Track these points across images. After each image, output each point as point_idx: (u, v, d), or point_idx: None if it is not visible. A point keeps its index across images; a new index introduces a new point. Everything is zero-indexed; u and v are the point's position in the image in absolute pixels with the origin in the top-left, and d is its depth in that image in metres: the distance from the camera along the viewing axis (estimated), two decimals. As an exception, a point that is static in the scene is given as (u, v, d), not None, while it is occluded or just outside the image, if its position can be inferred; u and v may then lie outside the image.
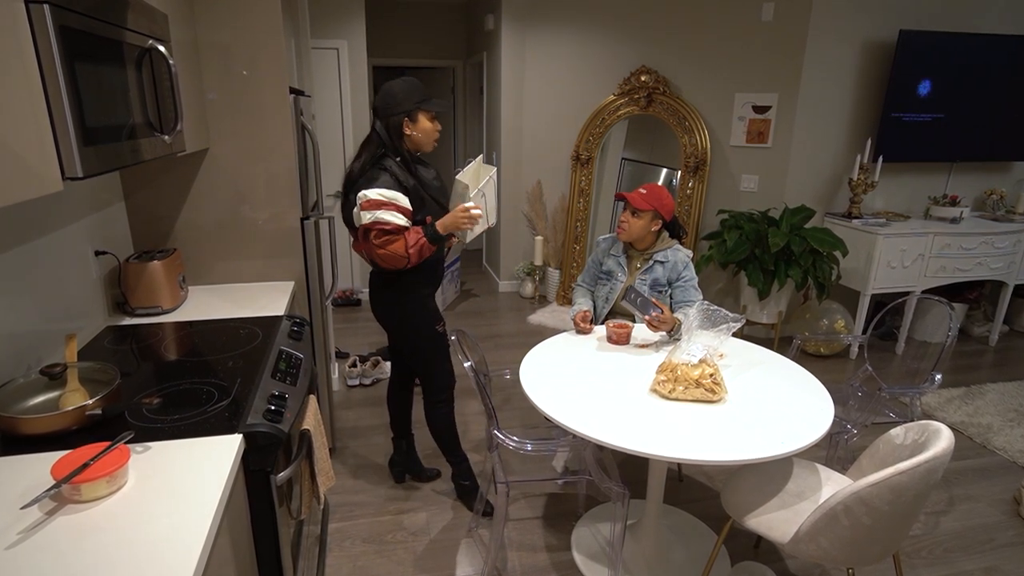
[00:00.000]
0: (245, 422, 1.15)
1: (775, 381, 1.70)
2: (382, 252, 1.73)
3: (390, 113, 1.76)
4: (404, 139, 1.78)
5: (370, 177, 1.73)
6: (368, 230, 1.73)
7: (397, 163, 1.77)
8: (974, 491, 2.32)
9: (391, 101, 1.75)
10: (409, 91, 1.76)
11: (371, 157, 1.77)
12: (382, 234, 1.72)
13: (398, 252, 1.72)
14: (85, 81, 1.02)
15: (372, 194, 1.70)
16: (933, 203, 3.73)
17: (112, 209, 1.84)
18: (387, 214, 1.70)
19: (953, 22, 3.48)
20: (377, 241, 1.72)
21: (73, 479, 0.90)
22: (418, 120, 1.78)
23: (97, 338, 1.60)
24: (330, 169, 4.07)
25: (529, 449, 1.70)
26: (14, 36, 0.87)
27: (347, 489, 2.24)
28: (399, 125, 1.76)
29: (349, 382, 3.08)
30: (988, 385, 3.20)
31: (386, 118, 1.76)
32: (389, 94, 1.76)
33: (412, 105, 1.76)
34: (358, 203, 1.73)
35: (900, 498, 1.26)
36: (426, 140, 1.82)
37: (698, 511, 2.15)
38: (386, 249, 1.72)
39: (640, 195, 1.99)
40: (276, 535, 1.22)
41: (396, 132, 1.77)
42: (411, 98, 1.75)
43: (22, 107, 0.88)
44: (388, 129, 1.76)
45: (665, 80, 3.81)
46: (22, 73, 0.88)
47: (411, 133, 1.78)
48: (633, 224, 2.02)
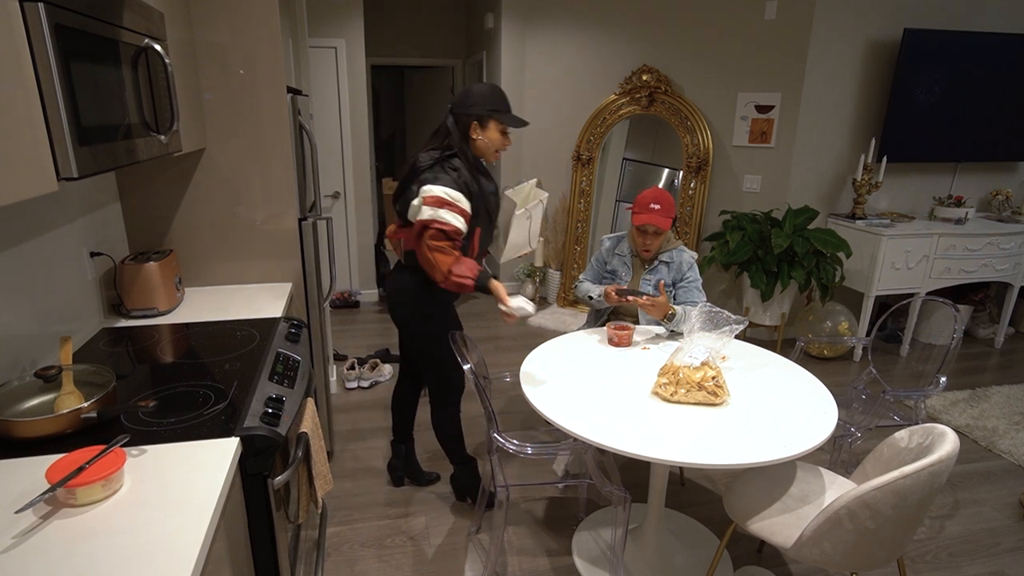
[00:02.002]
0: (242, 425, 1.15)
1: (778, 384, 1.69)
2: (430, 254, 1.68)
3: (462, 111, 1.75)
4: (470, 142, 1.77)
5: (438, 173, 1.71)
6: (425, 226, 1.68)
7: (465, 165, 1.75)
8: (979, 495, 2.30)
9: (467, 100, 1.75)
10: (487, 96, 1.75)
11: (440, 154, 1.75)
12: (440, 235, 1.67)
13: (443, 264, 1.68)
14: (80, 80, 1.01)
15: (438, 191, 1.67)
16: (938, 204, 3.71)
17: (107, 210, 1.83)
18: (448, 214, 1.67)
19: (958, 21, 3.46)
20: (432, 242, 1.67)
21: (68, 483, 0.90)
22: (488, 127, 1.77)
23: (92, 340, 1.60)
24: (328, 169, 4.06)
25: (529, 453, 1.69)
26: (9, 35, 0.86)
27: (345, 493, 2.23)
28: (467, 126, 1.76)
29: (347, 385, 3.07)
30: (993, 388, 3.18)
31: (457, 115, 1.76)
32: (467, 93, 1.76)
33: (485, 111, 1.74)
34: (420, 195, 1.69)
35: (904, 502, 1.25)
36: (489, 150, 1.81)
37: (700, 515, 2.14)
38: (435, 255, 1.68)
39: (660, 214, 1.96)
40: (273, 540, 1.21)
41: (463, 132, 1.76)
42: (486, 104, 1.74)
43: (16, 106, 0.87)
44: (457, 126, 1.76)
45: (667, 79, 3.80)
46: (17, 72, 0.87)
47: (477, 138, 1.77)
48: (657, 241, 2.02)
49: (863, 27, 3.35)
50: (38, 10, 0.89)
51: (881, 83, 3.47)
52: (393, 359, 3.38)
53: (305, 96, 2.43)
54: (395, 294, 1.92)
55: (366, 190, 4.18)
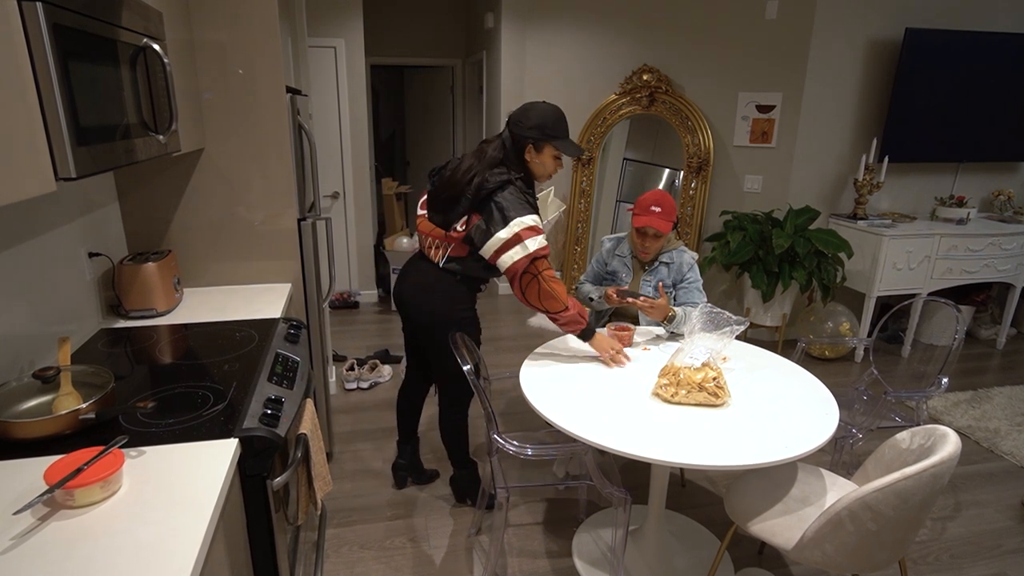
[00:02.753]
0: (241, 426, 1.14)
1: (779, 385, 1.68)
2: (546, 286, 1.67)
3: (520, 132, 1.73)
4: (524, 162, 1.76)
5: (520, 201, 1.68)
6: (535, 258, 1.67)
7: (526, 185, 1.75)
8: (981, 496, 2.29)
9: (525, 120, 1.73)
10: (547, 120, 1.72)
11: (508, 175, 1.70)
12: (546, 261, 1.67)
13: (559, 295, 1.69)
14: (79, 80, 1.00)
15: (530, 221, 1.67)
16: (939, 204, 3.70)
17: (106, 210, 1.83)
18: (543, 240, 1.68)
19: (960, 20, 3.45)
20: (546, 273, 1.67)
21: (66, 484, 0.89)
22: (543, 152, 1.75)
23: (91, 341, 1.59)
24: (327, 169, 4.06)
25: (529, 454, 1.68)
26: (7, 35, 0.86)
27: (345, 494, 2.23)
28: (523, 148, 1.74)
29: (347, 386, 3.07)
30: (995, 389, 3.17)
31: (515, 135, 1.74)
32: (527, 112, 1.73)
33: (542, 135, 1.72)
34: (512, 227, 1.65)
35: (906, 503, 1.25)
36: (541, 173, 1.80)
37: (701, 517, 2.13)
38: (551, 285, 1.68)
39: (661, 217, 1.95)
40: (272, 541, 1.21)
41: (519, 153, 1.75)
42: (545, 128, 1.72)
43: (14, 106, 0.87)
44: (513, 145, 1.75)
45: (667, 79, 3.79)
46: (15, 72, 0.87)
47: (530, 160, 1.76)
48: (656, 244, 2.01)
49: (864, 27, 3.34)
50: (36, 10, 0.89)
51: (882, 83, 3.46)
52: (392, 360, 3.37)
53: (304, 96, 2.43)
54: (424, 295, 1.86)
55: (365, 190, 4.18)
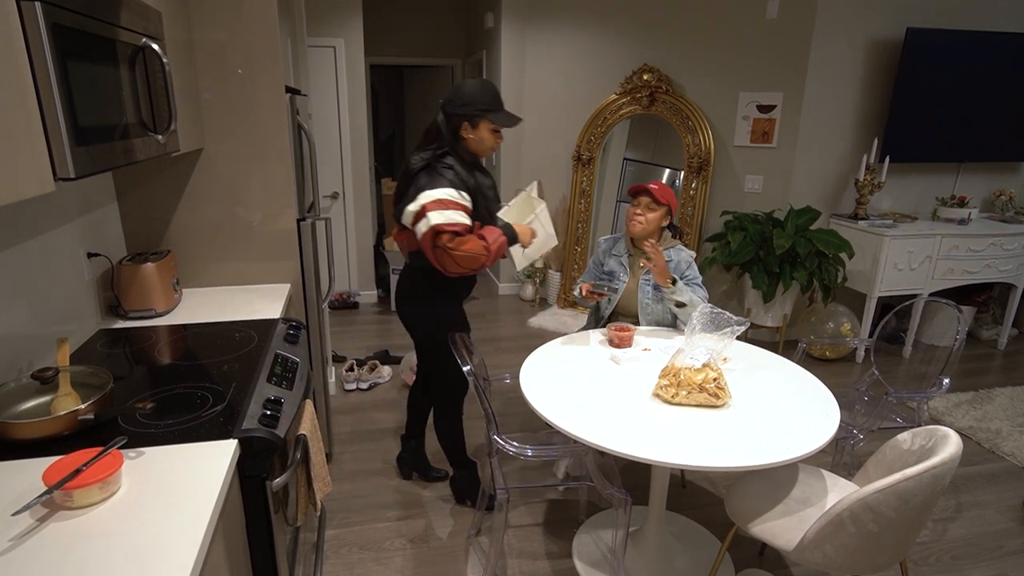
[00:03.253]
0: (240, 427, 1.14)
1: (780, 385, 1.68)
2: (458, 254, 1.64)
3: (453, 111, 1.72)
4: (461, 140, 1.75)
5: (434, 175, 1.68)
6: (438, 232, 1.65)
7: (458, 162, 1.73)
8: (983, 497, 2.29)
9: (457, 99, 1.72)
10: (479, 95, 1.71)
11: (433, 154, 1.72)
12: (454, 237, 1.65)
13: (476, 251, 1.65)
14: (77, 80, 1.00)
15: (441, 194, 1.65)
16: (941, 204, 3.70)
17: (105, 210, 1.83)
18: (457, 214, 1.65)
19: (961, 20, 3.45)
20: (451, 244, 1.64)
21: (65, 485, 0.89)
22: (479, 127, 1.74)
23: (90, 341, 1.59)
24: (327, 169, 4.05)
25: (529, 455, 1.68)
26: (6, 34, 0.85)
27: (344, 495, 2.22)
28: (458, 126, 1.73)
29: (346, 386, 3.06)
30: (997, 389, 3.16)
31: (448, 114, 1.73)
32: (458, 91, 1.72)
33: (476, 110, 1.71)
34: (417, 201, 1.66)
35: (907, 504, 1.25)
36: (482, 149, 1.78)
37: (701, 518, 2.13)
38: (462, 250, 1.64)
39: (656, 190, 1.98)
40: (272, 542, 1.20)
41: (455, 131, 1.74)
42: (477, 103, 1.71)
43: (13, 106, 0.87)
44: (448, 125, 1.73)
45: (668, 79, 3.79)
46: (13, 72, 0.87)
47: (469, 137, 1.75)
48: (650, 217, 2.00)
49: (865, 26, 3.33)
50: (35, 9, 0.89)
51: (884, 83, 3.46)
52: (392, 360, 3.37)
53: (304, 96, 2.43)
54: (401, 295, 1.92)
55: (365, 190, 4.18)
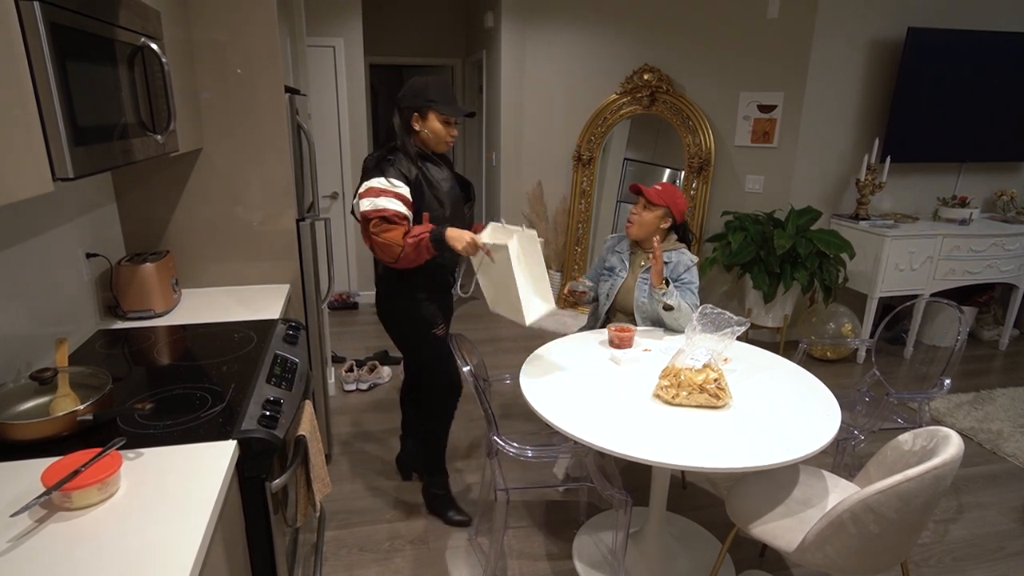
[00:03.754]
0: (239, 428, 1.14)
1: (780, 386, 1.67)
2: (379, 240, 1.67)
3: (403, 104, 1.76)
4: (412, 134, 1.78)
5: (380, 168, 1.72)
6: (366, 219, 1.68)
7: (404, 156, 1.76)
8: (984, 498, 2.28)
9: (407, 93, 1.77)
10: (427, 88, 1.75)
11: (382, 152, 1.76)
12: (382, 221, 1.67)
13: (393, 240, 1.66)
14: (76, 80, 1.00)
15: (374, 182, 1.68)
16: (942, 204, 3.69)
17: (103, 210, 1.82)
18: (387, 200, 1.67)
19: (962, 20, 3.44)
20: (375, 229, 1.67)
21: (64, 486, 0.89)
22: (428, 118, 1.76)
23: (88, 342, 1.59)
24: (326, 169, 4.05)
25: (529, 455, 1.67)
26: (4, 34, 0.85)
27: (344, 496, 2.22)
28: (408, 119, 1.77)
29: (346, 387, 3.06)
30: (998, 390, 3.16)
31: (400, 109, 1.77)
32: (409, 87, 1.77)
33: (423, 102, 1.75)
34: (359, 193, 1.71)
35: (908, 506, 1.24)
36: (434, 140, 1.80)
37: (702, 519, 2.12)
38: (382, 237, 1.66)
39: (655, 190, 1.99)
40: (271, 543, 1.20)
41: (406, 125, 1.77)
42: (425, 95, 1.75)
43: (12, 106, 0.87)
44: (400, 119, 1.77)
45: (668, 79, 3.78)
46: (12, 72, 0.87)
47: (420, 129, 1.77)
48: (643, 218, 2.00)
49: (866, 26, 3.33)
50: (34, 9, 0.88)
51: (885, 82, 3.45)
52: (392, 361, 3.36)
53: (303, 95, 2.42)
54: (377, 297, 1.95)
55: (366, 191, 4.17)
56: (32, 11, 0.88)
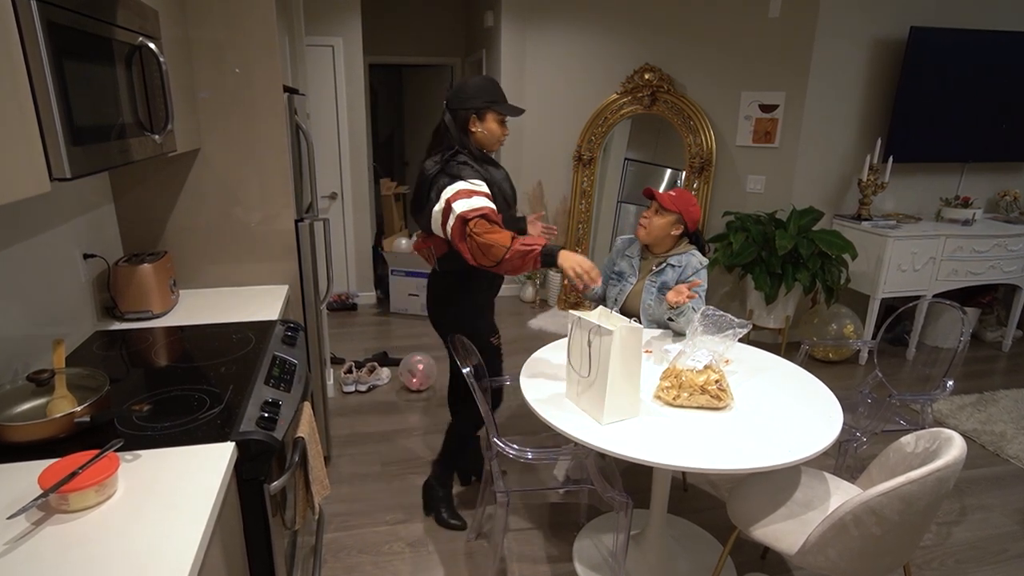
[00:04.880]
0: (238, 430, 1.13)
1: (782, 388, 1.66)
2: (481, 240, 1.63)
3: (459, 107, 1.76)
4: (470, 135, 1.78)
5: (452, 172, 1.71)
6: (464, 220, 1.65)
7: (470, 158, 1.76)
8: (987, 500, 2.27)
9: (462, 95, 1.76)
10: (483, 88, 1.77)
11: (443, 156, 1.76)
12: (483, 221, 1.65)
13: (499, 242, 1.62)
14: (73, 79, 0.99)
15: (460, 185, 1.67)
16: (945, 204, 3.68)
17: (101, 211, 1.82)
18: (481, 200, 1.67)
19: (965, 19, 3.43)
20: (477, 229, 1.64)
21: (61, 488, 0.89)
22: (486, 119, 1.78)
23: (86, 343, 1.58)
24: (325, 170, 4.05)
25: (530, 457, 1.66)
26: (1, 33, 0.85)
27: (343, 499, 2.21)
28: (466, 120, 1.77)
29: (345, 388, 3.05)
30: (1001, 392, 3.14)
31: (455, 111, 1.77)
32: (462, 88, 1.77)
33: (482, 103, 1.76)
34: (442, 199, 1.68)
35: (911, 508, 1.24)
36: (491, 141, 1.81)
37: (703, 521, 2.11)
38: (485, 237, 1.63)
39: (669, 195, 1.97)
40: (270, 546, 1.20)
41: (462, 127, 1.77)
42: (482, 96, 1.76)
43: (8, 105, 0.86)
44: (455, 122, 1.77)
45: (669, 78, 3.78)
46: (9, 70, 0.86)
47: (476, 130, 1.78)
48: (654, 223, 1.99)
49: (869, 25, 3.32)
50: (31, 7, 0.88)
51: (887, 82, 3.44)
52: (391, 362, 3.35)
53: (302, 95, 2.42)
54: (435, 301, 1.93)
55: (364, 191, 4.17)
56: (29, 10, 0.88)
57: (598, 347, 1.42)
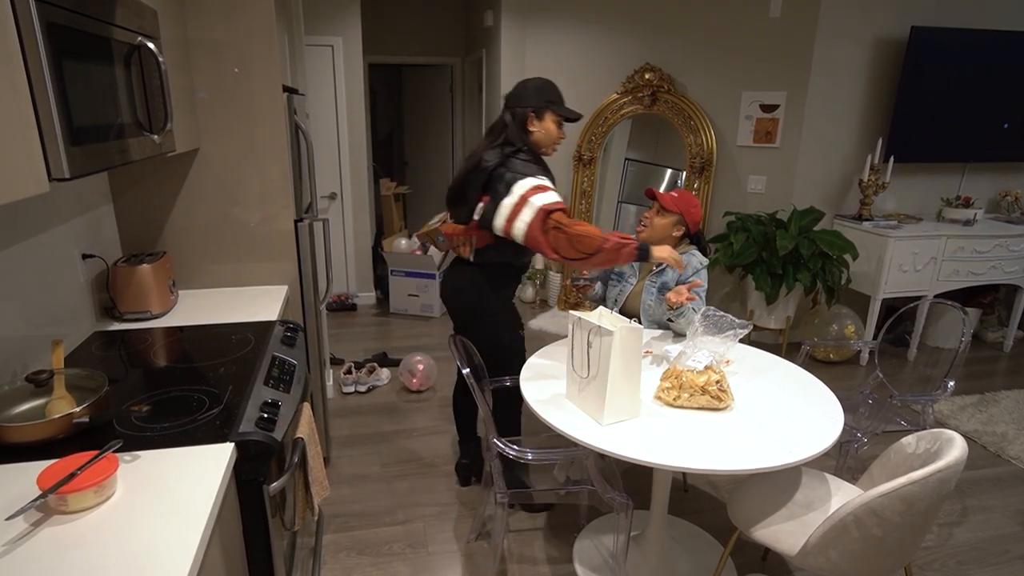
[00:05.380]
0: (237, 430, 1.13)
1: (783, 388, 1.66)
2: (573, 231, 1.64)
3: (518, 104, 1.78)
4: (528, 135, 1.79)
5: (518, 168, 1.72)
6: (548, 213, 1.66)
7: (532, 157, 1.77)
8: (988, 501, 2.27)
9: (522, 93, 1.78)
10: (542, 89, 1.78)
11: (503, 150, 1.76)
12: (564, 215, 1.66)
13: (592, 232, 1.64)
14: (72, 79, 0.99)
15: (537, 180, 1.69)
16: (946, 205, 3.67)
17: (100, 211, 1.82)
18: (557, 196, 1.69)
19: (966, 18, 3.42)
20: (567, 220, 1.65)
21: (60, 489, 0.89)
22: (544, 119, 1.79)
23: (84, 344, 1.58)
24: (325, 170, 4.04)
25: (530, 458, 1.66)
26: (0, 33, 0.84)
27: (342, 499, 2.21)
28: (524, 119, 1.78)
29: (344, 389, 3.05)
30: (1002, 392, 3.14)
31: (513, 109, 1.78)
32: (522, 86, 1.79)
33: (542, 103, 1.77)
34: (515, 193, 1.68)
35: (912, 509, 1.23)
36: (547, 142, 1.82)
37: (704, 522, 2.11)
38: (576, 229, 1.64)
39: (671, 196, 1.97)
40: (269, 547, 1.19)
41: (521, 125, 1.78)
42: (542, 96, 1.78)
43: (7, 105, 0.86)
44: (515, 120, 1.78)
45: (670, 78, 3.77)
46: (8, 70, 0.86)
47: (535, 130, 1.79)
48: (655, 223, 1.98)
49: (870, 25, 3.31)
50: (30, 7, 0.88)
51: (888, 82, 3.44)
52: (390, 363, 3.35)
53: (301, 95, 2.41)
54: (459, 294, 1.92)
55: (363, 191, 4.17)
56: (28, 10, 0.88)
57: (598, 347, 1.42)
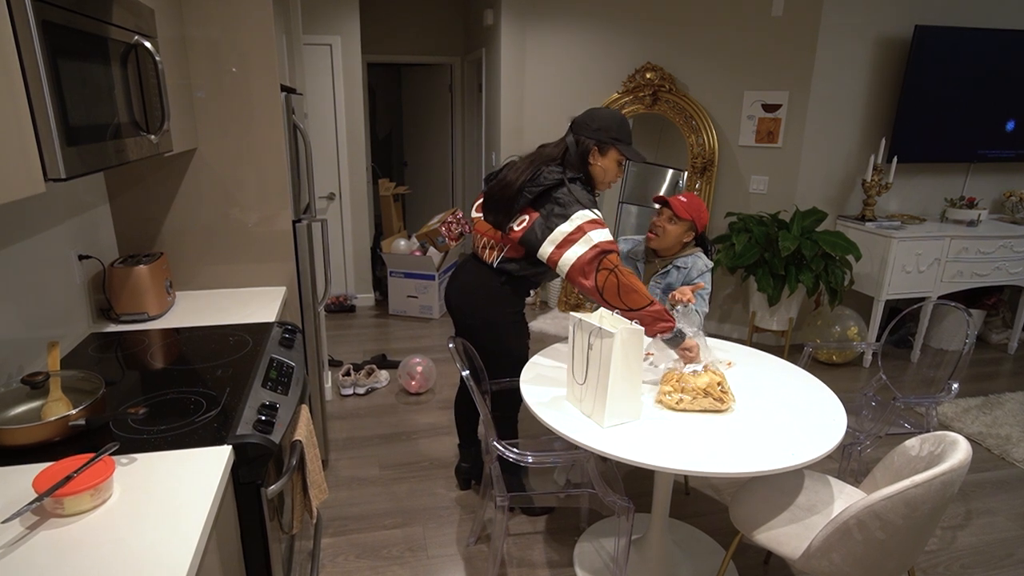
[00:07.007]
0: (234, 433, 1.12)
1: (785, 390, 1.65)
2: (624, 280, 1.57)
3: (584, 134, 1.74)
4: (587, 166, 1.75)
5: (579, 198, 1.64)
6: (606, 252, 1.59)
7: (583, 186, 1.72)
8: (992, 504, 2.26)
9: (591, 123, 1.73)
10: (612, 123, 1.73)
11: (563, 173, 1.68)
12: (617, 258, 1.61)
13: (644, 292, 1.58)
14: (68, 78, 0.98)
15: (596, 214, 1.64)
16: (950, 205, 3.66)
17: (96, 212, 1.81)
18: (610, 235, 1.64)
19: (970, 17, 3.41)
20: (623, 269, 1.59)
21: (55, 492, 0.88)
22: (607, 155, 1.74)
23: (81, 346, 1.57)
24: (323, 170, 4.04)
25: (530, 461, 1.65)
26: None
27: (341, 502, 2.20)
28: (587, 150, 1.74)
29: (343, 391, 3.04)
30: (1007, 394, 3.12)
31: (579, 137, 1.74)
32: (593, 116, 1.74)
33: (608, 137, 1.72)
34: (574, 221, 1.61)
35: (915, 512, 1.23)
36: (604, 179, 1.78)
37: (705, 525, 2.10)
38: (630, 280, 1.58)
39: (682, 203, 1.94)
40: (267, 550, 1.19)
41: (583, 156, 1.74)
42: (611, 131, 1.72)
43: (3, 105, 0.85)
44: (578, 148, 1.74)
45: (671, 77, 3.76)
46: (3, 70, 0.85)
47: (595, 164, 1.75)
48: (668, 231, 1.97)
49: (873, 23, 3.30)
50: (25, 6, 0.87)
51: (891, 81, 3.42)
52: (389, 365, 3.34)
53: (299, 95, 2.41)
54: (472, 297, 1.87)
55: (362, 191, 4.16)
56: (24, 8, 0.87)
57: (599, 349, 1.41)
